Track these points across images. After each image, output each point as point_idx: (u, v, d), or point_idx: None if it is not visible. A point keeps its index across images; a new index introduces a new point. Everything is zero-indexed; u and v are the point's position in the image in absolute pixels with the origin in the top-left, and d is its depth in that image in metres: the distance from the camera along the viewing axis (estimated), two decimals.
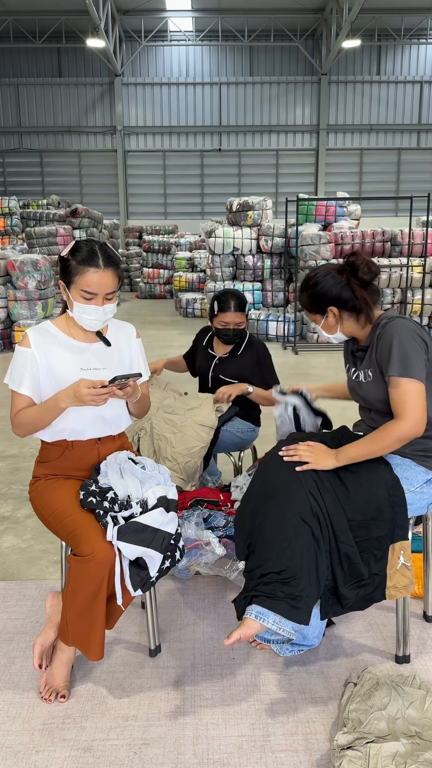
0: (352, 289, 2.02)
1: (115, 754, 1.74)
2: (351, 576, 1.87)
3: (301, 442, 2.09)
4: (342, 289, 2.02)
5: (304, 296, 2.11)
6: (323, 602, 1.90)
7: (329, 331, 2.11)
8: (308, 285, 2.08)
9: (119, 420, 2.13)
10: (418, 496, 1.99)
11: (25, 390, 1.96)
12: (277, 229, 9.77)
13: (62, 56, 21.41)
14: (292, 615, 1.75)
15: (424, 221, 13.32)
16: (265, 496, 1.94)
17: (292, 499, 1.86)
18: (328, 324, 2.09)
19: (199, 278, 13.07)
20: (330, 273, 2.05)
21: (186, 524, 2.48)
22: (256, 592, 1.78)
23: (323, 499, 1.87)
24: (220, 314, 2.93)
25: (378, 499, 1.89)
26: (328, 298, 2.04)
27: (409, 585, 1.93)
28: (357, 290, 2.01)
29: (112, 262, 1.93)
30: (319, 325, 2.12)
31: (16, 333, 8.38)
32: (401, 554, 1.91)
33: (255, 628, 1.75)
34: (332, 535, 1.85)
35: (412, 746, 1.65)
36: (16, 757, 1.74)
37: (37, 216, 13.77)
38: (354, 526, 1.86)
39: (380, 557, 1.90)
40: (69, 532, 1.89)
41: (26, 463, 4.07)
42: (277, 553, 1.79)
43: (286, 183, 21.90)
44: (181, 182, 22.10)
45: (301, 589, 1.76)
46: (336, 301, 2.03)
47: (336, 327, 2.09)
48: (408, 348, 1.90)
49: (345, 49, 19.39)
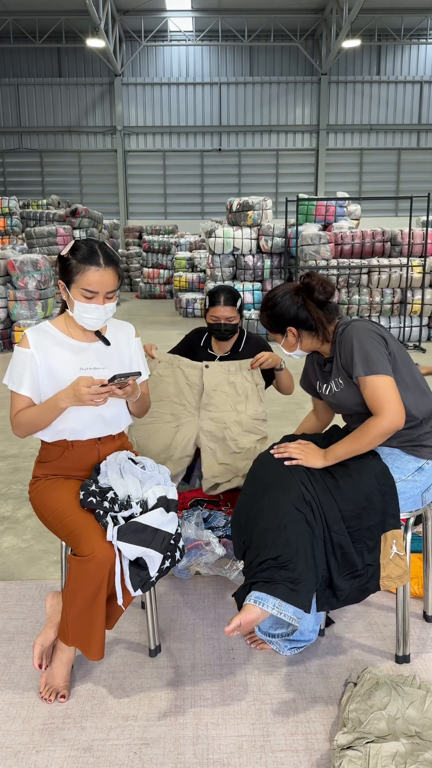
0: (308, 309, 2.08)
1: (115, 754, 1.74)
2: (345, 566, 1.89)
3: (292, 441, 2.11)
4: (299, 309, 2.08)
5: (264, 316, 2.17)
6: (319, 595, 1.91)
7: (289, 349, 2.18)
8: (267, 305, 2.15)
9: (119, 420, 2.13)
10: (410, 485, 2.00)
11: (24, 390, 1.96)
12: (277, 229, 9.77)
13: (62, 56, 21.41)
14: (291, 598, 1.76)
15: (424, 221, 13.32)
16: (258, 491, 1.98)
17: (284, 490, 1.89)
18: (288, 342, 2.16)
19: (199, 278, 13.07)
20: (288, 293, 2.11)
21: (186, 524, 2.48)
22: (254, 578, 1.80)
23: (315, 489, 1.90)
24: (210, 308, 2.90)
25: (368, 488, 1.91)
26: (286, 319, 2.10)
27: (403, 575, 1.94)
28: (312, 310, 2.07)
29: (112, 261, 1.93)
30: (279, 343, 2.18)
31: (16, 333, 8.38)
32: (393, 543, 1.93)
33: (255, 613, 1.75)
34: (325, 526, 1.87)
35: (412, 746, 1.65)
36: (16, 757, 1.74)
37: (37, 216, 13.77)
38: (345, 516, 1.89)
39: (373, 547, 1.92)
40: (69, 532, 1.89)
41: (26, 463, 4.07)
42: (272, 540, 1.81)
43: (286, 183, 21.91)
44: (181, 182, 22.10)
45: (299, 573, 1.78)
46: (294, 322, 2.10)
47: (296, 345, 2.16)
48: (367, 347, 1.95)
49: (345, 49, 19.38)
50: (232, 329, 2.92)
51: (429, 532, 2.20)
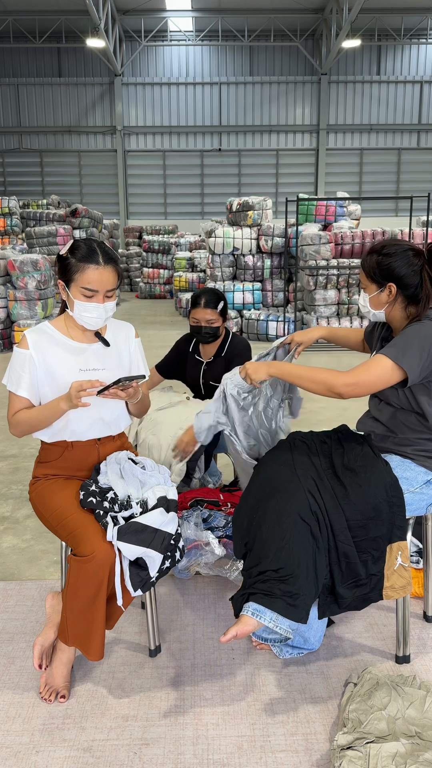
0: (422, 277, 1.94)
1: (115, 754, 1.74)
2: (348, 575, 1.87)
3: (300, 441, 2.09)
4: (413, 272, 1.94)
5: (372, 259, 1.98)
6: (320, 601, 1.90)
7: (375, 306, 2.02)
8: (381, 251, 1.97)
9: (119, 421, 2.13)
10: (417, 497, 1.99)
11: (23, 392, 1.96)
12: (277, 229, 9.77)
13: (62, 56, 21.41)
14: (289, 613, 1.74)
15: (424, 221, 13.31)
16: (264, 494, 1.94)
17: (290, 498, 1.85)
18: (379, 298, 2.00)
19: (199, 278, 13.06)
20: (408, 251, 1.96)
21: (186, 524, 2.48)
22: (253, 589, 1.77)
23: (322, 498, 1.87)
24: (191, 310, 2.89)
25: (376, 499, 1.88)
26: (394, 275, 1.95)
27: (407, 585, 1.93)
28: (426, 281, 1.94)
29: (111, 259, 1.93)
30: (369, 294, 2.02)
31: (16, 333, 8.38)
32: (399, 555, 1.91)
33: (252, 625, 1.74)
34: (331, 535, 1.85)
35: (412, 746, 1.65)
36: (16, 757, 1.74)
37: (37, 216, 13.76)
38: (352, 526, 1.86)
39: (378, 557, 1.90)
40: (69, 532, 1.89)
41: (26, 463, 4.07)
42: (275, 551, 1.79)
43: (286, 183, 21.90)
44: (181, 182, 22.10)
45: (298, 587, 1.76)
46: (400, 281, 1.95)
47: (384, 305, 2.00)
48: (418, 344, 1.86)
49: (345, 49, 19.38)
50: (213, 332, 2.88)
51: (429, 532, 2.20)
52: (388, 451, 2.04)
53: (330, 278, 8.69)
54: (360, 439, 2.08)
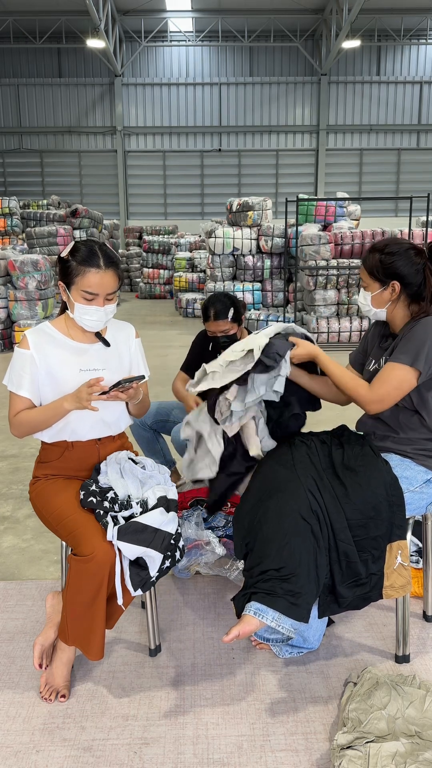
0: (425, 275, 1.95)
1: (115, 754, 1.74)
2: (349, 575, 1.87)
3: (300, 441, 2.09)
4: (416, 271, 1.96)
5: (374, 257, 1.99)
6: (321, 601, 1.90)
7: (377, 305, 2.03)
8: (384, 249, 1.98)
9: (119, 421, 2.13)
10: (417, 496, 1.99)
11: (24, 392, 1.96)
12: (277, 229, 9.77)
13: (62, 56, 21.42)
14: (291, 612, 1.75)
15: (423, 221, 13.32)
16: (264, 494, 1.94)
17: (291, 497, 1.86)
18: (381, 297, 2.01)
19: (199, 278, 13.07)
20: (409, 250, 1.97)
21: (186, 524, 2.49)
22: (255, 589, 1.78)
23: (322, 497, 1.87)
24: (205, 323, 2.93)
25: (376, 499, 1.89)
26: (398, 273, 1.96)
27: (406, 585, 1.93)
28: (430, 279, 1.95)
29: (112, 263, 1.93)
30: (371, 293, 2.02)
31: (17, 333, 8.38)
32: (399, 554, 1.92)
33: (254, 624, 1.74)
34: (331, 534, 1.85)
35: (411, 746, 1.65)
36: (16, 757, 1.74)
37: (37, 216, 13.76)
38: (352, 525, 1.87)
39: (378, 557, 1.90)
40: (69, 532, 1.90)
41: (26, 463, 4.08)
42: (276, 550, 1.79)
43: (286, 183, 21.90)
44: (181, 182, 22.10)
45: (300, 586, 1.76)
46: (403, 279, 1.96)
47: (386, 303, 2.01)
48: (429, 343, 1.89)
49: (345, 49, 19.39)
50: (230, 339, 2.90)
51: (429, 533, 2.20)
52: (388, 450, 2.05)
53: (330, 278, 8.70)
54: (360, 439, 2.08)
